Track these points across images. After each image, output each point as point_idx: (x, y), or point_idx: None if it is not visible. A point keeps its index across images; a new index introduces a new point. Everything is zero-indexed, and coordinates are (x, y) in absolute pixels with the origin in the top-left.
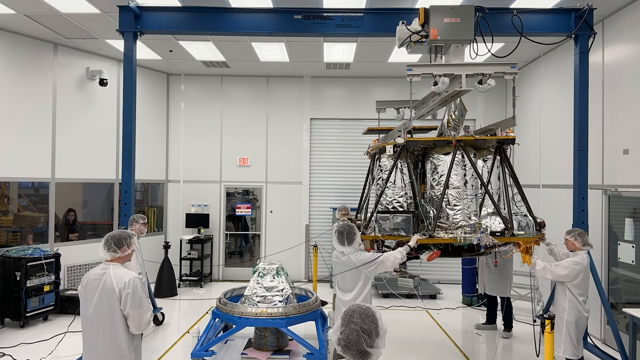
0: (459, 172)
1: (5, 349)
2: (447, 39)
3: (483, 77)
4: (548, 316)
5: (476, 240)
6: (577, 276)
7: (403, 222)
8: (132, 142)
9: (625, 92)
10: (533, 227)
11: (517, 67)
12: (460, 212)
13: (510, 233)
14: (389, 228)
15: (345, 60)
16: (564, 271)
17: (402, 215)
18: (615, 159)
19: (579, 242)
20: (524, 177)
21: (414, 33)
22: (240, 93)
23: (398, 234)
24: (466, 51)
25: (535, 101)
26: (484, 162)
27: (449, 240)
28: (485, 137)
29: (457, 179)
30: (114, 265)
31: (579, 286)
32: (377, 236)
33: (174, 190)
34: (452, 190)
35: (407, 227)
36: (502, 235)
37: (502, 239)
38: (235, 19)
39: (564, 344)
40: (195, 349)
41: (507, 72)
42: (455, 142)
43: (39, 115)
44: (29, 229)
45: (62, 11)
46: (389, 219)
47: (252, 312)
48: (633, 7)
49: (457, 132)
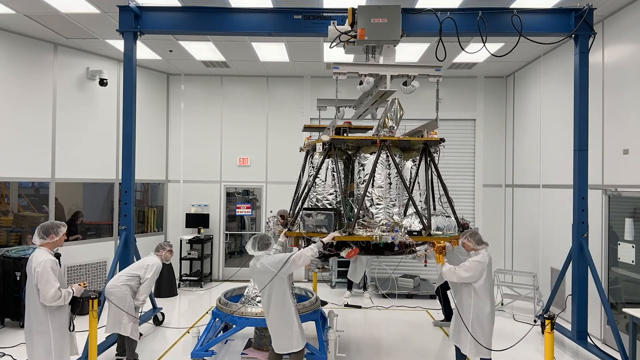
0: (383, 171)
1: (5, 349)
2: (375, 39)
3: (408, 78)
4: (548, 316)
5: (390, 239)
6: (481, 275)
7: (326, 220)
8: (132, 142)
9: (625, 92)
10: (455, 229)
11: (517, 68)
12: (383, 211)
13: (427, 233)
14: (313, 225)
15: (345, 61)
16: (467, 272)
17: (325, 213)
18: (615, 159)
19: (472, 242)
20: (524, 177)
21: (342, 33)
22: (240, 93)
23: (320, 231)
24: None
25: (535, 101)
26: (413, 163)
27: (365, 238)
28: (408, 137)
29: (380, 178)
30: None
31: (483, 285)
32: (301, 233)
33: (174, 190)
34: (376, 190)
35: (329, 224)
36: (419, 235)
37: (417, 238)
38: (235, 19)
39: (469, 344)
40: (195, 349)
41: (431, 75)
42: (380, 142)
43: (39, 115)
44: (29, 229)
45: (62, 11)
46: (312, 216)
47: (252, 312)
48: (633, 7)
49: (392, 133)
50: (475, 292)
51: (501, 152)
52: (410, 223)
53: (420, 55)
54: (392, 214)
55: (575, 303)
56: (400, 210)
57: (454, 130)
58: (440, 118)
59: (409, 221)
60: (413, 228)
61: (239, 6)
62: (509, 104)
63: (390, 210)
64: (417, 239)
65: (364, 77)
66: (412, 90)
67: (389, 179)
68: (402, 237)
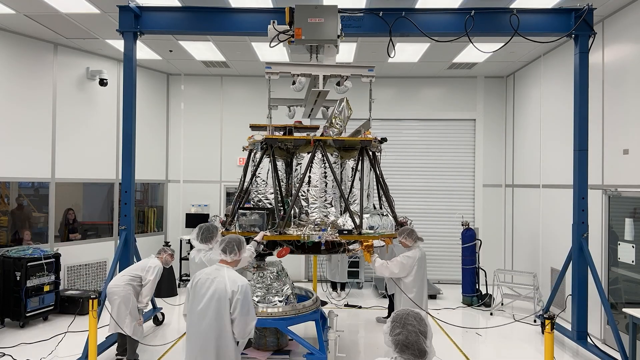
0: (318, 171)
1: (5, 349)
2: (311, 39)
3: (341, 78)
4: (548, 316)
5: (317, 238)
6: (411, 270)
7: (260, 219)
8: (132, 142)
9: (625, 92)
10: (391, 227)
11: (517, 68)
12: (318, 210)
13: (358, 232)
14: (247, 224)
15: (345, 60)
16: (397, 268)
17: (258, 212)
18: (615, 159)
19: (409, 240)
20: (524, 177)
21: (280, 32)
22: (240, 93)
23: (254, 231)
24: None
25: (535, 101)
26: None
27: (293, 237)
28: (343, 137)
29: (316, 177)
30: (228, 268)
31: (413, 280)
32: (236, 232)
33: (174, 190)
34: (312, 189)
35: (261, 223)
36: (350, 234)
37: (346, 237)
38: (235, 19)
39: None
40: None
41: (364, 75)
42: (314, 141)
43: (39, 115)
44: (29, 229)
45: (62, 11)
46: (247, 216)
47: None
48: (633, 7)
49: (339, 133)
50: (405, 286)
51: (501, 152)
52: (344, 222)
53: (420, 55)
54: (328, 213)
55: (575, 303)
56: (338, 210)
57: (454, 130)
58: (440, 118)
59: (343, 220)
60: (346, 227)
61: (239, 6)
62: (509, 104)
63: (326, 210)
64: (346, 238)
65: (297, 77)
66: (344, 90)
67: (324, 178)
68: (329, 235)
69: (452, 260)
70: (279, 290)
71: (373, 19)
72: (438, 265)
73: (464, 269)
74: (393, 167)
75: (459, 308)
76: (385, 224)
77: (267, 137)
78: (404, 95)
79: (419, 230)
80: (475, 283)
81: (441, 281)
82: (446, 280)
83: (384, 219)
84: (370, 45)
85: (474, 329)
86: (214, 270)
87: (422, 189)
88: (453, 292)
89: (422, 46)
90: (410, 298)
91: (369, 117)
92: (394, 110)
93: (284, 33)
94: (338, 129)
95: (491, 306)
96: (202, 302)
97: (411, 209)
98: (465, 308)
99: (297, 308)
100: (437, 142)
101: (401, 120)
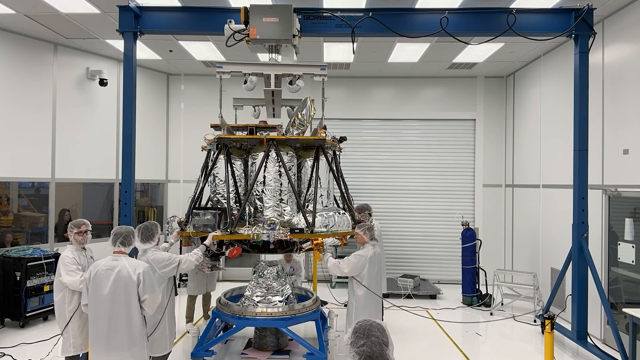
0: (271, 170)
1: (5, 349)
2: (266, 38)
3: (293, 77)
4: (548, 316)
5: (266, 237)
6: (362, 269)
7: (212, 219)
8: (132, 142)
9: (625, 92)
10: (348, 225)
11: (517, 68)
12: (271, 209)
13: (310, 230)
14: (200, 224)
15: (345, 60)
16: (348, 267)
17: (210, 212)
18: (615, 159)
19: (366, 235)
20: (524, 177)
21: (236, 32)
22: (240, 93)
23: (207, 231)
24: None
25: (535, 101)
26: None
27: (243, 236)
28: (295, 137)
29: (270, 177)
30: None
31: (367, 279)
32: (189, 233)
33: (174, 190)
34: (267, 188)
35: (214, 224)
36: (302, 232)
37: (296, 235)
38: (235, 19)
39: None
40: (195, 349)
41: (316, 74)
42: (266, 140)
43: (39, 115)
44: (29, 229)
45: (62, 11)
46: (199, 215)
47: (252, 312)
48: (633, 7)
49: (302, 132)
50: (357, 284)
51: (501, 152)
52: (298, 220)
53: (421, 55)
54: (283, 212)
55: (575, 303)
56: (293, 209)
57: (453, 130)
58: (440, 118)
59: (297, 219)
60: (300, 226)
61: (239, 6)
62: (509, 104)
63: (281, 209)
64: (297, 237)
65: (248, 76)
66: (297, 89)
67: (279, 177)
68: (278, 234)
69: (452, 260)
70: (279, 290)
71: (372, 19)
72: (438, 265)
73: (464, 269)
74: (393, 167)
75: (459, 308)
76: (341, 222)
77: (220, 136)
78: (404, 95)
79: (419, 230)
80: (475, 283)
81: (441, 281)
82: (446, 280)
83: (341, 217)
84: (370, 45)
85: (474, 324)
86: (110, 260)
87: (422, 189)
88: (453, 292)
89: (422, 46)
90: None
91: (322, 116)
92: (394, 110)
93: (239, 32)
94: (301, 129)
95: (491, 306)
96: (106, 289)
97: (411, 209)
98: (465, 308)
99: (297, 308)
100: (437, 142)
101: (401, 120)
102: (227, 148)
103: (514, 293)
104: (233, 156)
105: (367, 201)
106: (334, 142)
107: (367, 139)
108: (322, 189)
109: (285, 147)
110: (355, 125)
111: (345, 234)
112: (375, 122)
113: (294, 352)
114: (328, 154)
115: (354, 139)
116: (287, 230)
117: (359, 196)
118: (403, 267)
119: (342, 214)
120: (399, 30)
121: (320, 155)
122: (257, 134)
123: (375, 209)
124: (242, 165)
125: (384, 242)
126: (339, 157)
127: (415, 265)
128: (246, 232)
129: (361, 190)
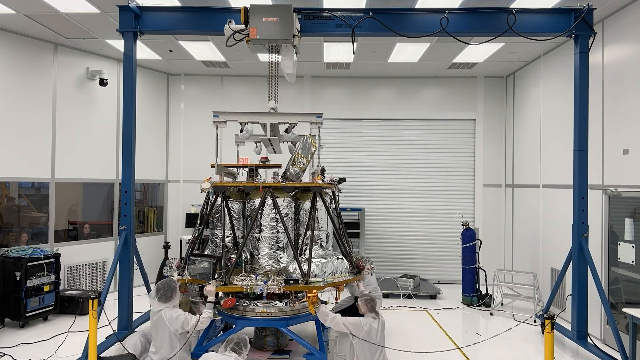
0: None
1: (5, 349)
2: (267, 38)
3: (290, 125)
4: (548, 316)
5: (259, 290)
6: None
7: (208, 268)
8: (132, 142)
9: (625, 92)
10: (346, 272)
11: (517, 68)
12: (267, 256)
13: (305, 281)
14: (196, 273)
15: (345, 60)
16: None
17: (206, 261)
18: (615, 159)
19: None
20: (524, 177)
21: (236, 32)
22: (240, 93)
23: (201, 279)
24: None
25: (535, 101)
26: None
27: (238, 288)
28: (292, 184)
29: (265, 223)
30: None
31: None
32: (184, 280)
33: (174, 190)
34: (262, 235)
35: (209, 272)
36: (296, 283)
37: (291, 287)
38: (235, 19)
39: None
40: (195, 349)
41: (312, 122)
42: (263, 188)
43: (39, 115)
44: (29, 228)
45: (62, 11)
46: (195, 263)
47: (252, 312)
48: (633, 7)
49: (302, 170)
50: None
51: (501, 152)
52: (294, 268)
53: (421, 55)
54: (279, 258)
55: (575, 303)
56: (290, 255)
57: (453, 130)
58: (440, 118)
59: (294, 266)
60: (296, 273)
61: (239, 6)
62: (509, 104)
63: (276, 256)
64: (291, 289)
65: (244, 124)
66: (293, 137)
67: (276, 223)
68: (272, 286)
69: (452, 260)
70: None
71: (372, 19)
72: (438, 265)
73: (464, 269)
74: (393, 167)
75: (459, 308)
76: (339, 268)
77: (216, 184)
78: (404, 95)
79: (419, 230)
80: (475, 283)
81: (441, 281)
82: (446, 280)
83: (337, 264)
84: (370, 45)
85: (474, 324)
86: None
87: (422, 189)
88: (453, 292)
89: (422, 46)
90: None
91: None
92: (394, 110)
93: (239, 32)
94: (301, 167)
95: (491, 306)
96: None
97: (411, 209)
98: (465, 308)
99: (297, 308)
100: (437, 142)
101: (401, 120)
102: (224, 196)
103: (514, 293)
104: (231, 200)
105: (367, 201)
106: (331, 184)
107: (367, 139)
108: (321, 231)
109: (282, 193)
110: (355, 125)
111: (341, 284)
112: (375, 122)
113: (294, 352)
114: (327, 196)
115: (354, 138)
116: (281, 280)
117: (359, 196)
118: (403, 267)
119: (339, 260)
120: (399, 30)
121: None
122: (257, 175)
123: (375, 209)
124: (241, 209)
125: (384, 243)
126: (338, 198)
127: (415, 265)
128: (240, 283)
129: (361, 190)
